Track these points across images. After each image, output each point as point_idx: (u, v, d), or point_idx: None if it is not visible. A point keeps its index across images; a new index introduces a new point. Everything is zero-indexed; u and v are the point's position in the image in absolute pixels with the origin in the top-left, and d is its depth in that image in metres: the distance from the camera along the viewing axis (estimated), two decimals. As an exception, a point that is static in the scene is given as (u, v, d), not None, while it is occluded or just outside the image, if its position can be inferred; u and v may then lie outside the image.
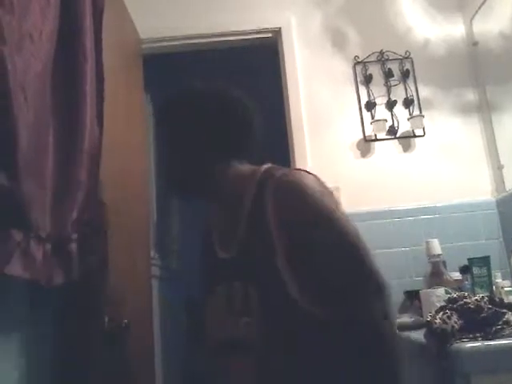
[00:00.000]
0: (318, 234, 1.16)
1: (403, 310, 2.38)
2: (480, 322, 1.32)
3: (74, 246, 1.24)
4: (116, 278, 1.65)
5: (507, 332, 1.29)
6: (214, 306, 1.28)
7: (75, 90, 1.37)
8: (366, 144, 2.69)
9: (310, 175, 1.26)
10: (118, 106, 1.91)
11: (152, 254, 2.48)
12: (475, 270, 2.23)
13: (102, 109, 1.52)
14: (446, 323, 1.31)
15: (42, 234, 1.14)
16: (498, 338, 1.27)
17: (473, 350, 1.25)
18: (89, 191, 1.34)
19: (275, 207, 1.18)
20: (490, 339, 1.27)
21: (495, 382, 1.21)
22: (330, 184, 2.54)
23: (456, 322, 1.31)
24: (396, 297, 2.42)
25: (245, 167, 1.33)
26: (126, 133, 2.05)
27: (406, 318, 2.17)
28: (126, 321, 1.62)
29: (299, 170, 1.34)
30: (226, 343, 1.23)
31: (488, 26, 2.66)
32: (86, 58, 1.40)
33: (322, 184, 1.25)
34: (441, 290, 2.10)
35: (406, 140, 2.70)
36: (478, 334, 1.29)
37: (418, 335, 1.55)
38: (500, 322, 1.31)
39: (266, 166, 1.31)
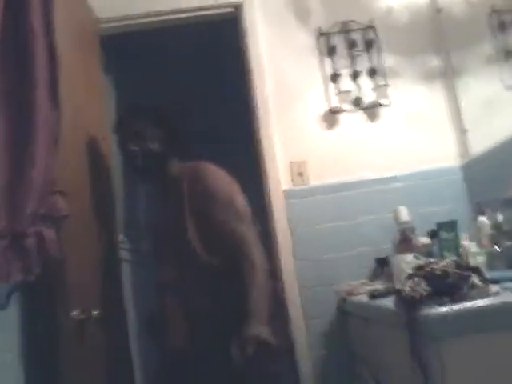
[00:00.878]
0: (216, 207, 1.79)
1: (375, 277, 2.43)
2: (447, 287, 1.34)
3: (31, 241, 1.20)
4: (81, 268, 1.62)
5: (473, 294, 1.32)
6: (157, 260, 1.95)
7: (26, 74, 1.31)
8: (331, 116, 2.69)
9: (209, 165, 1.91)
10: (75, 88, 1.86)
11: (121, 238, 2.45)
12: (443, 235, 2.28)
13: (56, 92, 1.45)
14: (415, 290, 1.34)
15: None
16: (465, 301, 1.30)
17: (441, 314, 1.27)
18: (45, 182, 1.29)
19: (187, 186, 1.84)
20: (457, 303, 1.29)
21: (464, 345, 1.23)
22: (297, 158, 2.60)
23: (424, 289, 1.34)
24: (367, 265, 2.48)
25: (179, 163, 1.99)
26: (85, 116, 2.00)
27: (377, 285, 2.22)
28: (96, 311, 1.58)
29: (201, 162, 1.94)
30: (163, 287, 1.85)
31: (451, -9, 2.65)
32: (35, 37, 1.34)
33: (224, 173, 1.89)
34: (409, 256, 2.14)
35: (372, 110, 2.71)
36: (445, 299, 1.32)
37: (390, 302, 1.57)
38: (466, 286, 1.34)
39: (187, 162, 1.98)
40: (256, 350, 1.52)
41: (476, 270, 1.41)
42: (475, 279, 1.36)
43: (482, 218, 2.25)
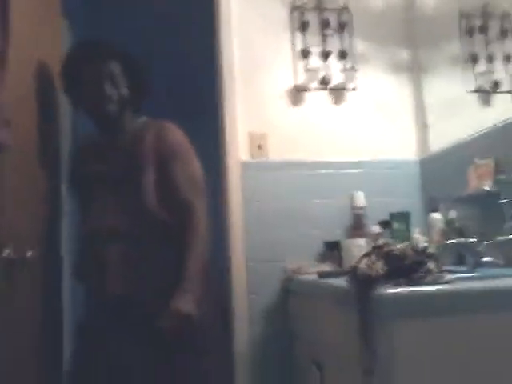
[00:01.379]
0: (176, 166, 1.78)
1: (322, 259, 2.40)
2: (404, 268, 1.31)
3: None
4: (18, 204, 1.49)
5: (429, 279, 1.29)
6: (90, 208, 1.81)
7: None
8: (297, 93, 2.61)
9: (176, 127, 1.86)
10: (30, 13, 1.70)
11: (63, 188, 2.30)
12: (395, 225, 2.28)
13: (6, 18, 1.33)
14: (371, 268, 1.30)
15: None
16: (420, 284, 1.27)
17: (395, 295, 1.25)
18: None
19: (152, 144, 1.78)
20: (412, 285, 1.27)
21: (415, 327, 1.22)
22: (258, 130, 2.53)
23: (381, 268, 1.30)
24: (317, 247, 2.44)
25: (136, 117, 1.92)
26: (39, 46, 1.83)
27: (324, 267, 2.19)
28: (30, 252, 1.47)
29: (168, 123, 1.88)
30: (103, 233, 1.72)
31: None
32: None
33: (183, 134, 1.86)
34: (362, 241, 2.13)
35: (338, 92, 2.65)
36: (401, 280, 1.28)
37: (340, 281, 1.53)
38: (422, 270, 1.31)
39: (145, 118, 1.92)
40: (178, 323, 1.58)
41: (432, 257, 1.38)
42: (431, 265, 1.34)
43: (435, 214, 2.26)
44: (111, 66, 1.79)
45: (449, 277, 1.33)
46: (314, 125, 2.61)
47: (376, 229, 2.28)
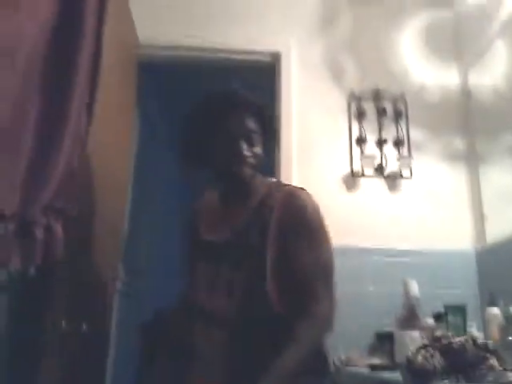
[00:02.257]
0: (307, 245, 1.43)
1: (372, 351, 2.30)
2: (463, 363, 1.25)
3: (39, 232, 1.13)
4: (77, 279, 1.54)
5: (490, 378, 1.22)
6: (199, 279, 1.51)
7: (69, 71, 1.29)
8: (352, 179, 2.66)
9: (310, 195, 1.52)
10: (109, 103, 1.83)
11: (120, 267, 2.36)
12: (450, 318, 2.18)
13: (93, 98, 1.44)
14: (428, 362, 1.24)
15: (6, 213, 1.04)
16: (482, 382, 1.20)
17: (454, 392, 1.18)
18: (65, 179, 1.24)
19: (280, 214, 1.45)
20: (473, 382, 1.20)
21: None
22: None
23: (438, 362, 1.24)
24: (367, 337, 2.35)
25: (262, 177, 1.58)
26: (112, 133, 1.96)
27: (375, 360, 2.10)
28: (84, 326, 1.49)
29: (301, 188, 1.55)
30: (205, 314, 1.44)
31: (482, 79, 2.69)
32: (85, 39, 1.32)
33: (318, 205, 1.52)
34: (416, 333, 2.04)
35: (393, 180, 2.68)
36: (460, 376, 1.22)
37: (393, 375, 1.47)
38: (483, 366, 1.24)
39: (274, 179, 1.64)
40: None
41: (495, 353, 1.31)
42: (494, 362, 1.27)
43: (493, 308, 2.16)
44: (248, 123, 1.50)
45: (512, 377, 1.26)
46: (368, 211, 2.62)
47: (430, 321, 2.18)
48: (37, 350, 1.26)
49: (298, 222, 1.45)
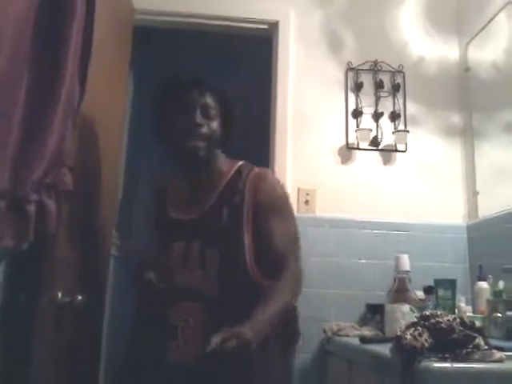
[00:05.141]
0: (278, 222, 1.59)
1: (363, 322, 2.35)
2: (450, 342, 1.28)
3: (31, 208, 1.13)
4: (72, 250, 1.55)
5: (477, 356, 1.26)
6: (171, 258, 1.58)
7: (59, 41, 1.26)
8: (347, 151, 2.65)
9: (274, 174, 1.84)
10: (101, 72, 1.80)
11: (114, 232, 2.37)
12: (440, 292, 2.22)
13: (86, 67, 1.41)
14: (417, 340, 1.27)
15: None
16: (467, 360, 1.24)
17: (440, 370, 1.22)
18: (57, 154, 1.23)
19: (253, 196, 1.60)
20: (459, 361, 1.24)
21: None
22: (306, 186, 2.54)
23: (426, 340, 1.27)
24: (358, 308, 2.40)
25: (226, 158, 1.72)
26: (106, 102, 1.94)
27: (365, 331, 2.14)
28: (80, 297, 1.50)
29: (265, 168, 1.76)
30: (181, 292, 1.53)
31: (482, 54, 2.66)
32: (74, 8, 1.29)
33: (283, 184, 1.74)
34: (406, 307, 2.08)
35: (388, 153, 2.68)
36: (447, 355, 1.25)
37: (382, 349, 1.50)
38: (470, 346, 1.28)
39: (241, 162, 1.72)
40: (235, 343, 1.30)
41: (481, 332, 1.35)
42: (480, 341, 1.30)
43: (482, 283, 2.19)
44: (207, 98, 1.63)
45: (499, 355, 1.29)
46: (362, 184, 2.63)
47: (420, 294, 2.22)
48: (32, 322, 1.28)
49: (270, 202, 1.61)
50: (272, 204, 1.61)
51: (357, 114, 2.68)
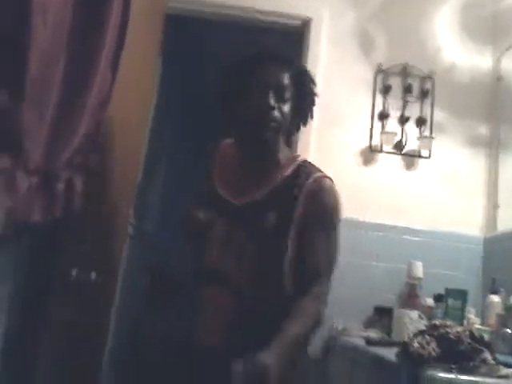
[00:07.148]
0: (324, 238, 1.49)
1: (369, 324, 2.36)
2: (458, 354, 1.28)
3: (60, 186, 1.17)
4: (91, 229, 1.57)
5: (483, 370, 1.26)
6: (211, 239, 1.49)
7: (96, 28, 1.29)
8: (370, 153, 2.65)
9: (333, 185, 1.57)
10: (132, 59, 1.81)
11: (131, 212, 2.41)
12: (450, 301, 2.22)
13: (118, 57, 1.44)
14: (424, 348, 1.28)
15: (30, 166, 1.06)
16: (473, 374, 1.24)
17: (446, 380, 1.22)
18: (88, 135, 1.26)
19: (307, 207, 1.46)
20: (465, 373, 1.24)
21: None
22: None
23: (434, 350, 1.28)
24: (365, 310, 2.40)
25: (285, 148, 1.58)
26: (134, 88, 1.96)
27: (372, 333, 2.15)
28: (94, 274, 1.53)
29: (326, 176, 1.57)
30: (211, 273, 1.48)
31: (516, 66, 2.63)
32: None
33: (338, 196, 1.57)
34: (414, 313, 2.08)
35: (411, 158, 2.67)
36: (453, 366, 1.25)
37: (388, 353, 1.51)
38: (477, 359, 1.28)
39: (300, 157, 1.61)
40: (253, 371, 1.24)
41: (489, 346, 1.35)
42: (487, 355, 1.30)
43: (494, 296, 2.19)
44: (282, 78, 1.47)
45: (505, 371, 1.29)
46: (383, 187, 2.63)
47: (429, 302, 2.23)
48: (47, 299, 1.31)
49: (321, 218, 1.49)
50: (323, 219, 1.50)
51: (383, 116, 2.67)
